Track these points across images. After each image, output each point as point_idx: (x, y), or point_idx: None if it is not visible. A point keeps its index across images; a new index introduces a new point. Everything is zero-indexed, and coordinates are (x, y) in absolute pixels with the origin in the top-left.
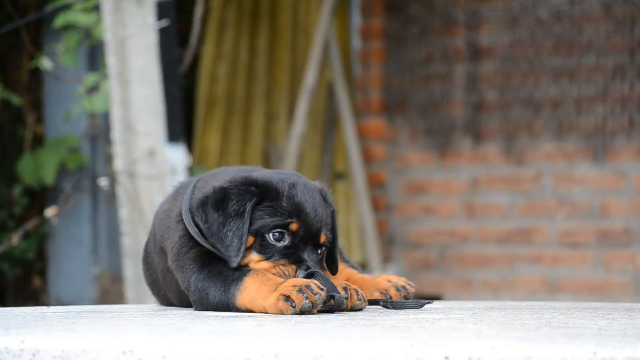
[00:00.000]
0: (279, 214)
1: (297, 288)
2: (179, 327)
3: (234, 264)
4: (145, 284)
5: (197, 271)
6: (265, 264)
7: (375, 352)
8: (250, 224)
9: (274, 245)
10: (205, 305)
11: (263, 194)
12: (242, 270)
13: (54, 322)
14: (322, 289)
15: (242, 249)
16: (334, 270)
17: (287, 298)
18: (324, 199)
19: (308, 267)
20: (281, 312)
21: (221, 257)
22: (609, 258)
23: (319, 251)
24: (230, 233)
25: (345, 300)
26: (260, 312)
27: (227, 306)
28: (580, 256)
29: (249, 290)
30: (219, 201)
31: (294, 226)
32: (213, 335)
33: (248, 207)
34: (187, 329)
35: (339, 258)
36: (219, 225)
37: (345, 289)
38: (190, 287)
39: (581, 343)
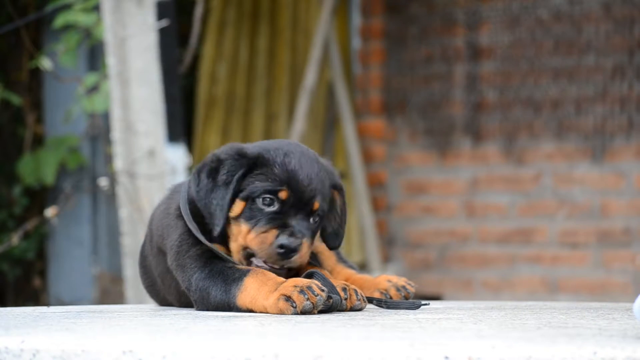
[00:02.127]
0: (269, 180)
1: (298, 289)
2: (179, 327)
3: (216, 232)
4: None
5: (199, 270)
6: (251, 236)
7: (375, 352)
8: (241, 191)
9: (262, 209)
10: (207, 304)
11: (255, 164)
12: (242, 270)
13: (54, 322)
14: (323, 290)
15: (222, 219)
16: (338, 243)
17: (288, 298)
18: (330, 175)
19: (292, 233)
20: (282, 312)
21: (221, 257)
22: (609, 258)
23: (312, 219)
24: (215, 202)
25: (343, 301)
26: (261, 312)
27: (228, 306)
28: (580, 256)
29: (249, 290)
30: (213, 170)
31: (283, 193)
32: (213, 335)
33: (235, 177)
34: (187, 329)
35: (336, 258)
36: (206, 192)
37: (344, 289)
38: (192, 287)
39: (581, 343)
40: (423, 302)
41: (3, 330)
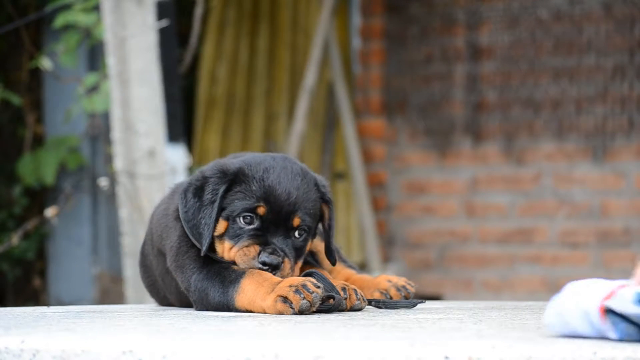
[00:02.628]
0: (247, 197)
1: (293, 288)
2: (179, 327)
3: (203, 253)
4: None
5: (197, 271)
6: (234, 251)
7: (375, 352)
8: (223, 209)
9: (243, 227)
10: (206, 305)
11: (234, 180)
12: (238, 271)
13: (54, 322)
14: (318, 287)
15: (209, 238)
16: (332, 261)
17: (285, 299)
18: (319, 188)
19: (274, 250)
20: (280, 313)
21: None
22: (609, 258)
23: (296, 234)
24: (203, 221)
25: (344, 301)
26: (260, 313)
27: (227, 307)
28: (580, 256)
29: (246, 292)
30: (199, 189)
31: (260, 209)
32: (213, 335)
33: (219, 195)
34: (187, 329)
35: (337, 258)
36: (194, 212)
37: (344, 289)
38: (190, 288)
39: (581, 343)
40: (419, 300)
41: (3, 330)
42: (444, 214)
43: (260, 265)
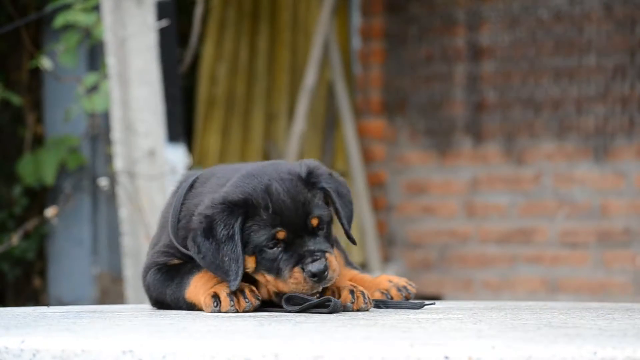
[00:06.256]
0: (262, 228)
1: (227, 291)
2: (179, 327)
3: (234, 287)
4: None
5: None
6: (281, 285)
7: (375, 352)
8: (245, 245)
9: (272, 256)
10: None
11: (246, 212)
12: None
13: (54, 322)
14: (257, 299)
15: (240, 271)
16: (352, 241)
17: (216, 297)
18: (307, 181)
19: (312, 258)
20: (206, 307)
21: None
22: (609, 258)
23: (320, 231)
24: (227, 258)
25: (340, 307)
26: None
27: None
28: (580, 256)
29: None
30: (207, 230)
31: (280, 235)
32: (213, 335)
33: (236, 228)
34: (187, 329)
35: (344, 262)
36: (213, 253)
37: (352, 292)
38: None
39: (581, 343)
40: (426, 302)
41: (3, 330)
42: (444, 214)
43: (313, 280)
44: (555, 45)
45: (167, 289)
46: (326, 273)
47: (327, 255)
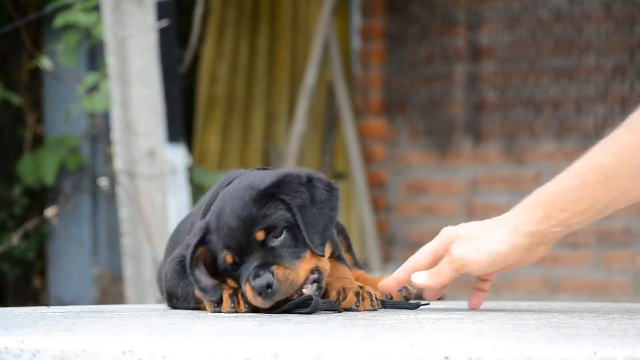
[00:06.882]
0: (217, 252)
1: (230, 291)
2: (179, 327)
3: (214, 299)
4: (145, 284)
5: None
6: (242, 306)
7: (375, 352)
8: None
9: (233, 273)
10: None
11: (210, 239)
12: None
13: (54, 322)
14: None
15: (218, 292)
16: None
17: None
18: (264, 193)
19: (256, 274)
20: (208, 307)
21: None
22: (609, 258)
23: (272, 240)
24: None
25: (320, 306)
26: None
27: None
28: (580, 256)
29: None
30: (179, 271)
31: (228, 258)
32: (213, 335)
33: (191, 261)
34: (187, 329)
35: (352, 262)
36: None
37: (357, 294)
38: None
39: (581, 343)
40: (422, 302)
41: (3, 330)
42: (444, 214)
43: (261, 297)
44: (555, 45)
45: (181, 282)
46: (273, 287)
47: (274, 268)
